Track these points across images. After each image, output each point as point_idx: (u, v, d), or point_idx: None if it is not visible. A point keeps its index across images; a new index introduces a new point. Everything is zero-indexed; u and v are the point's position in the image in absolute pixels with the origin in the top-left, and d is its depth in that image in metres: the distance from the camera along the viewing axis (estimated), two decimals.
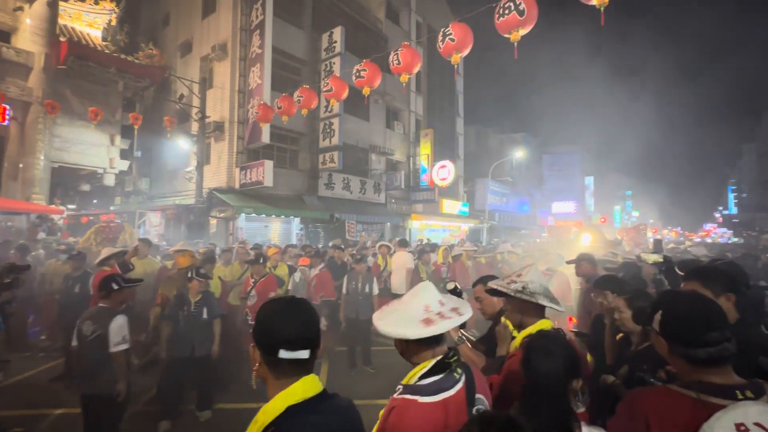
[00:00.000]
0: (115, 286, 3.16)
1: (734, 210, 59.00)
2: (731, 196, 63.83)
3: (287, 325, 1.10)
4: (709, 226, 62.63)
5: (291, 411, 1.03)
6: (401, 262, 7.15)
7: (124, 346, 3.02)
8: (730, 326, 1.14)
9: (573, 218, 34.34)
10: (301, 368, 1.10)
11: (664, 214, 58.50)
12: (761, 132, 45.40)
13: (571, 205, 38.52)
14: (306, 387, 1.08)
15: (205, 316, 4.01)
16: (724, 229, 51.98)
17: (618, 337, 2.43)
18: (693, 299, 1.22)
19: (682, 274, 2.60)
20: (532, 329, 1.77)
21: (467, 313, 1.33)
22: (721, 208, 72.40)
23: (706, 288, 1.78)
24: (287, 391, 1.06)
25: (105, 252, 5.00)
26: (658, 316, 1.21)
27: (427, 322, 1.26)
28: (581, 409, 1.57)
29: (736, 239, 37.44)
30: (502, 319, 2.01)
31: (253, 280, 5.05)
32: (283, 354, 1.07)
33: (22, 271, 3.95)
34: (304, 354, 1.09)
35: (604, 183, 52.31)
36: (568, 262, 4.45)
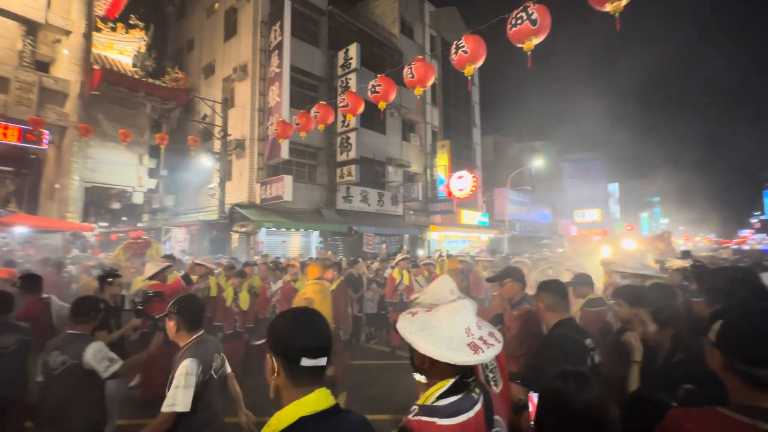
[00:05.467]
0: (94, 313, 2.71)
1: None
2: None
3: (306, 334, 1.14)
4: (745, 233, 59.34)
5: (303, 421, 1.06)
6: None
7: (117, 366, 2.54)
8: None
9: (598, 227, 33.26)
10: (319, 376, 1.14)
11: (696, 221, 55.74)
12: None
13: (595, 212, 37.26)
14: (319, 399, 1.10)
15: None
16: (763, 235, 49.24)
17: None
18: (763, 311, 1.07)
19: (695, 287, 2.41)
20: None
21: (501, 338, 1.32)
22: (757, 213, 68.72)
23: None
24: (301, 402, 1.09)
25: (150, 268, 4.63)
26: (716, 326, 1.08)
27: (474, 348, 1.20)
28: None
29: None
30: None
31: None
32: (305, 362, 1.11)
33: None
34: (323, 361, 1.13)
35: (629, 189, 50.66)
36: (489, 280, 3.69)
